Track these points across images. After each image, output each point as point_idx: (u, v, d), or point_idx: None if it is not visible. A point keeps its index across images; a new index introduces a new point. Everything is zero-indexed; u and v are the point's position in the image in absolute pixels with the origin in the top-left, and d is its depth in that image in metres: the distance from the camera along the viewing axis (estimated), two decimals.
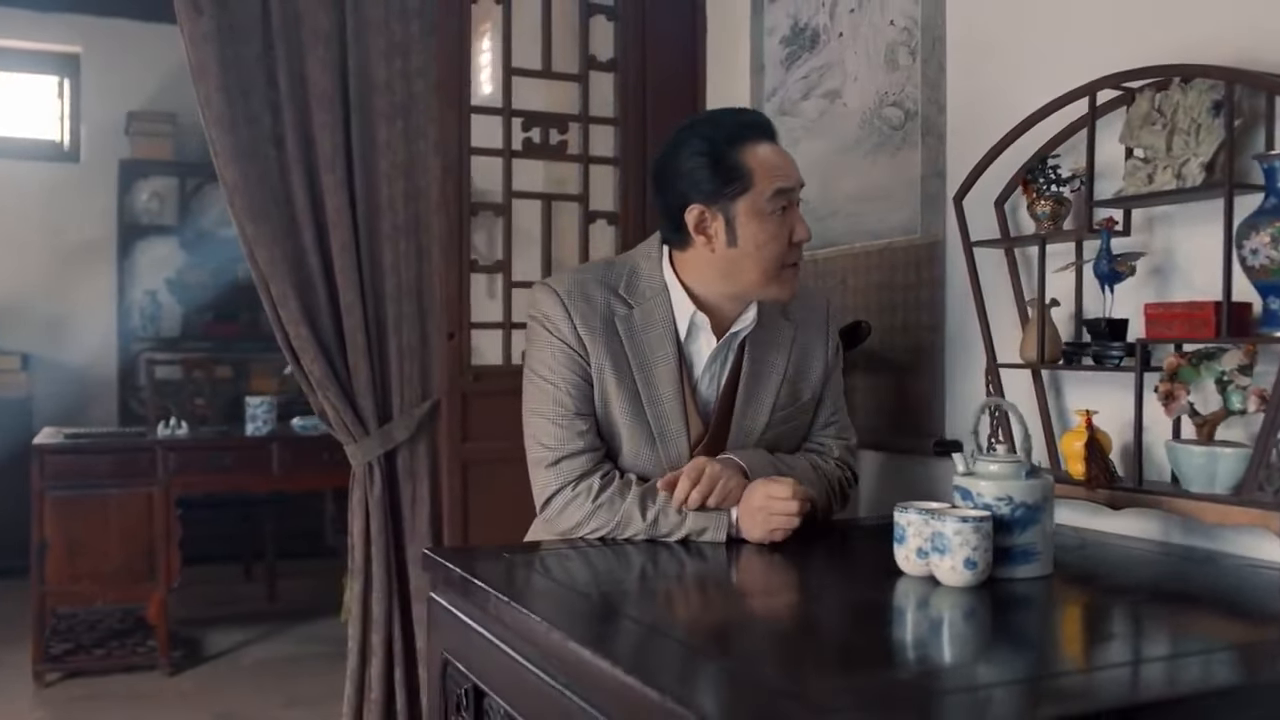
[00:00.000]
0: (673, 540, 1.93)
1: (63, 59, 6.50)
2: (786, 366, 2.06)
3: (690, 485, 1.90)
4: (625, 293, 2.02)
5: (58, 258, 6.38)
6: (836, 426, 2.17)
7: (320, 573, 5.93)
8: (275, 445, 4.62)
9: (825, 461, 2.11)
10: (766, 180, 1.91)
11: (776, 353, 2.05)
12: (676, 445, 2.01)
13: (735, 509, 1.92)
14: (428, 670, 1.84)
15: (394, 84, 3.16)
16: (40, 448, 4.37)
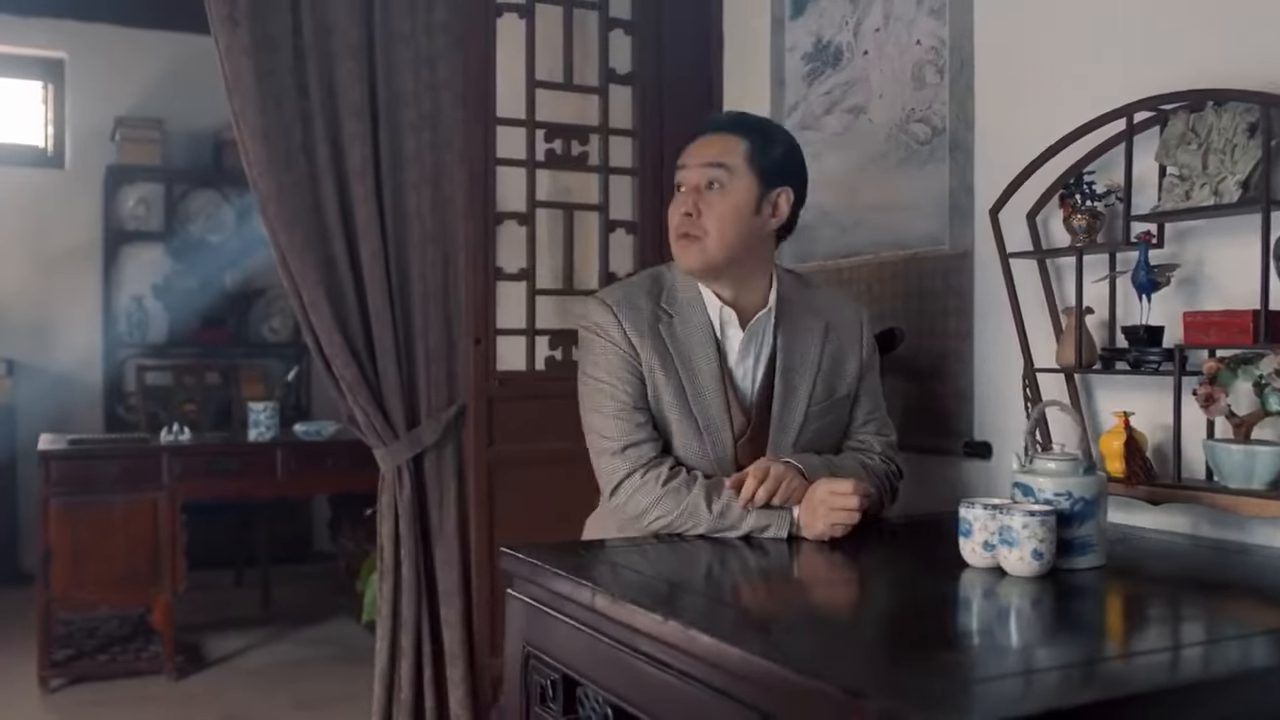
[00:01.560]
0: (735, 535, 2.02)
1: (47, 64, 6.48)
2: (820, 360, 2.14)
3: (757, 484, 1.99)
4: (666, 304, 2.13)
5: (43, 264, 6.36)
6: (876, 423, 2.24)
7: (312, 577, 5.97)
8: (279, 451, 4.66)
9: (871, 458, 2.20)
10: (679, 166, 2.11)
11: (810, 347, 2.14)
12: (721, 436, 2.10)
13: (796, 507, 2.02)
14: (508, 664, 1.91)
15: (421, 95, 3.23)
16: (46, 454, 4.38)
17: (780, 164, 2.09)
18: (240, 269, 6.60)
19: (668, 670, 1.47)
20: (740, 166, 2.05)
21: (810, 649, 1.42)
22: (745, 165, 2.05)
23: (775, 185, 2.08)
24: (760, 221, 2.07)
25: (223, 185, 6.60)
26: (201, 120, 6.51)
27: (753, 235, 2.07)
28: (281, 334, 6.74)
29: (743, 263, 2.08)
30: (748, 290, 2.12)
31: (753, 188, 2.05)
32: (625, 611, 1.57)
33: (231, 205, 6.63)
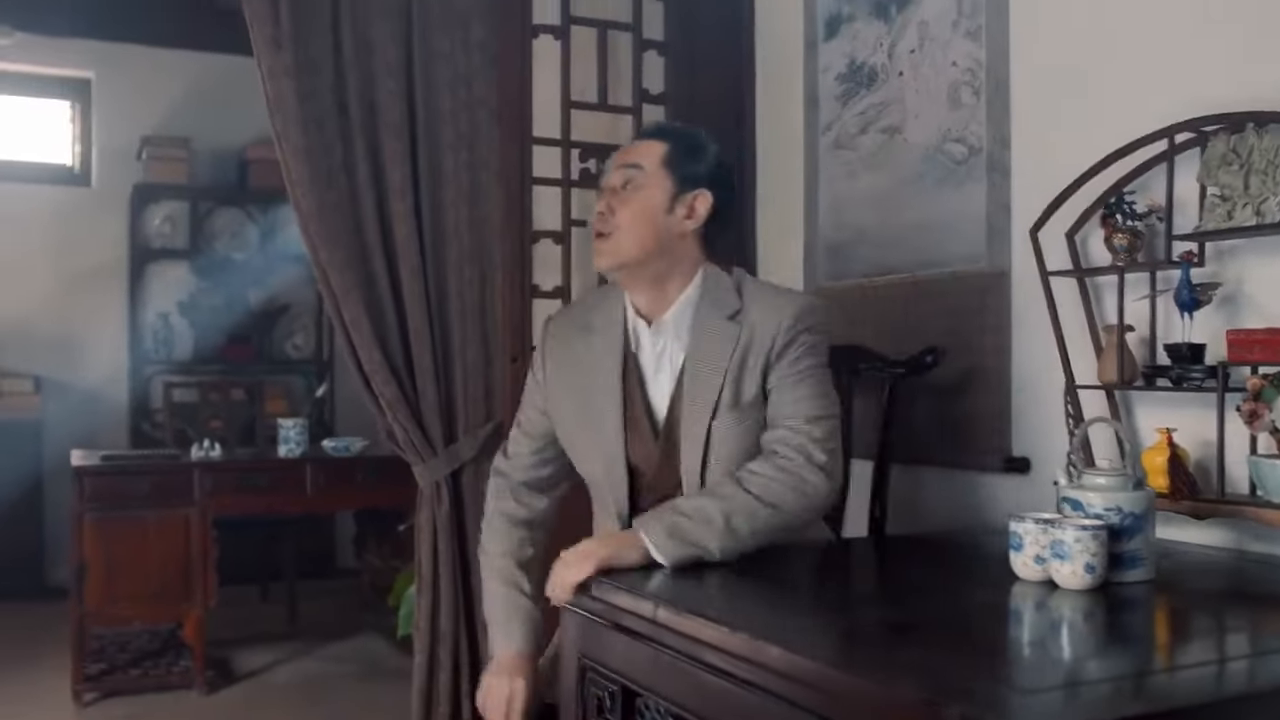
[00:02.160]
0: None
1: (75, 84, 6.55)
2: (729, 363, 2.05)
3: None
4: (595, 322, 2.18)
5: (70, 281, 6.41)
6: (793, 421, 2.03)
7: (337, 593, 6.00)
8: (309, 466, 4.70)
9: (756, 474, 1.99)
10: None
11: (719, 349, 2.06)
12: (614, 457, 2.12)
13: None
14: (563, 677, 1.95)
15: (459, 114, 3.28)
16: (80, 470, 4.42)
17: (698, 168, 2.11)
18: (264, 286, 6.65)
19: (733, 680, 1.50)
20: (654, 167, 2.09)
21: (875, 659, 1.46)
22: (660, 166, 2.09)
23: (691, 188, 2.09)
24: (673, 221, 2.08)
25: (247, 203, 6.66)
26: (226, 138, 6.58)
27: (666, 234, 2.08)
28: (305, 350, 6.79)
29: (656, 263, 2.08)
30: (664, 297, 2.12)
31: (667, 188, 2.08)
32: (689, 623, 1.61)
33: (255, 223, 6.69)
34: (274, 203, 6.58)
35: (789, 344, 2.04)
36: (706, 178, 2.11)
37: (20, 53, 5.93)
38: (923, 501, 2.83)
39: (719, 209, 2.12)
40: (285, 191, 6.34)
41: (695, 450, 2.05)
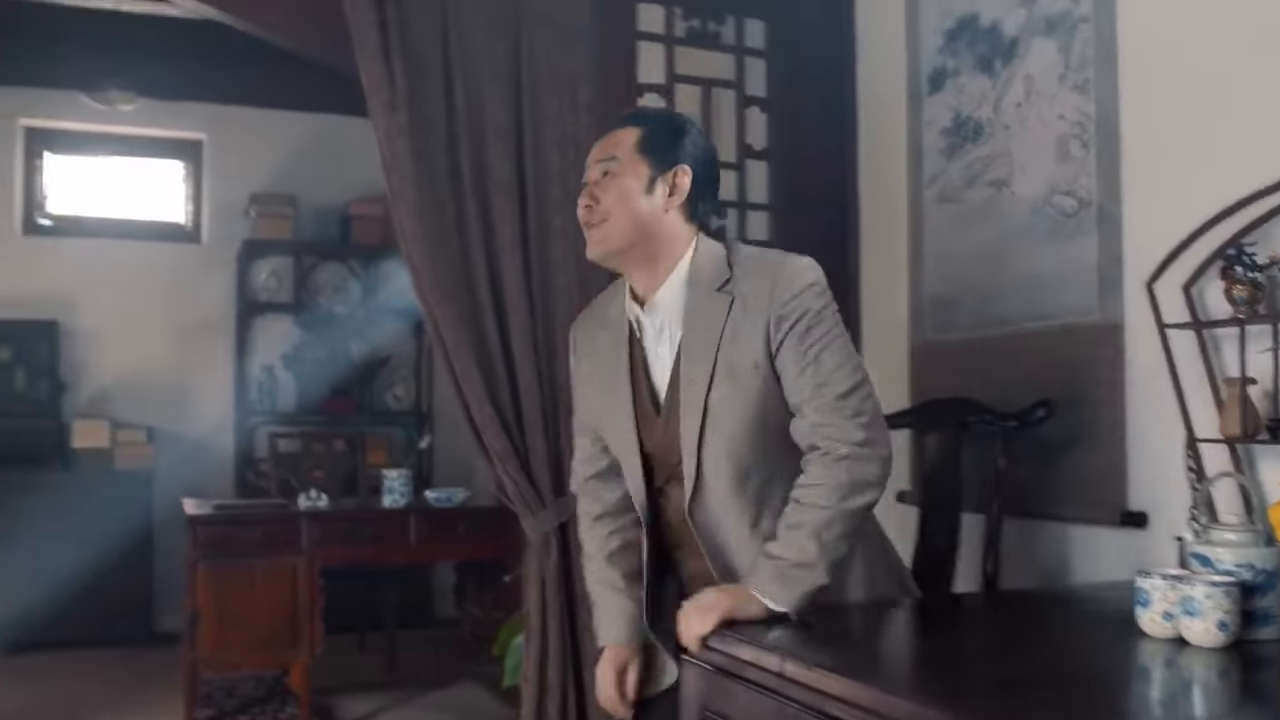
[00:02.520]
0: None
1: (187, 145, 6.80)
2: (721, 333, 2.04)
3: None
4: (609, 316, 2.23)
5: (181, 334, 6.62)
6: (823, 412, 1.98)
7: (435, 642, 6.06)
8: (412, 517, 4.78)
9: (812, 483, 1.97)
10: None
11: (711, 320, 2.05)
12: (626, 442, 2.15)
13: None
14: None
15: (567, 174, 3.35)
16: (194, 519, 4.54)
17: (670, 145, 2.12)
18: (365, 339, 6.80)
19: None
20: (629, 154, 2.10)
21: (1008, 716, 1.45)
22: (634, 152, 2.10)
23: (669, 165, 2.10)
24: (655, 201, 2.09)
25: (349, 258, 6.83)
26: (329, 195, 6.77)
27: (650, 215, 2.09)
28: (404, 402, 6.92)
29: (646, 245, 2.10)
30: (658, 277, 2.12)
31: (643, 170, 2.09)
32: (816, 677, 1.62)
33: (357, 277, 6.85)
34: (375, 257, 6.77)
35: (786, 316, 2.00)
36: (683, 154, 2.12)
37: (139, 116, 6.18)
38: (1035, 556, 2.81)
39: (700, 181, 2.13)
40: (386, 246, 6.56)
41: (694, 422, 2.05)
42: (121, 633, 6.10)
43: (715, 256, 2.11)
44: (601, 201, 2.10)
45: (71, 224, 6.65)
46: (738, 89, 3.55)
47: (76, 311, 6.48)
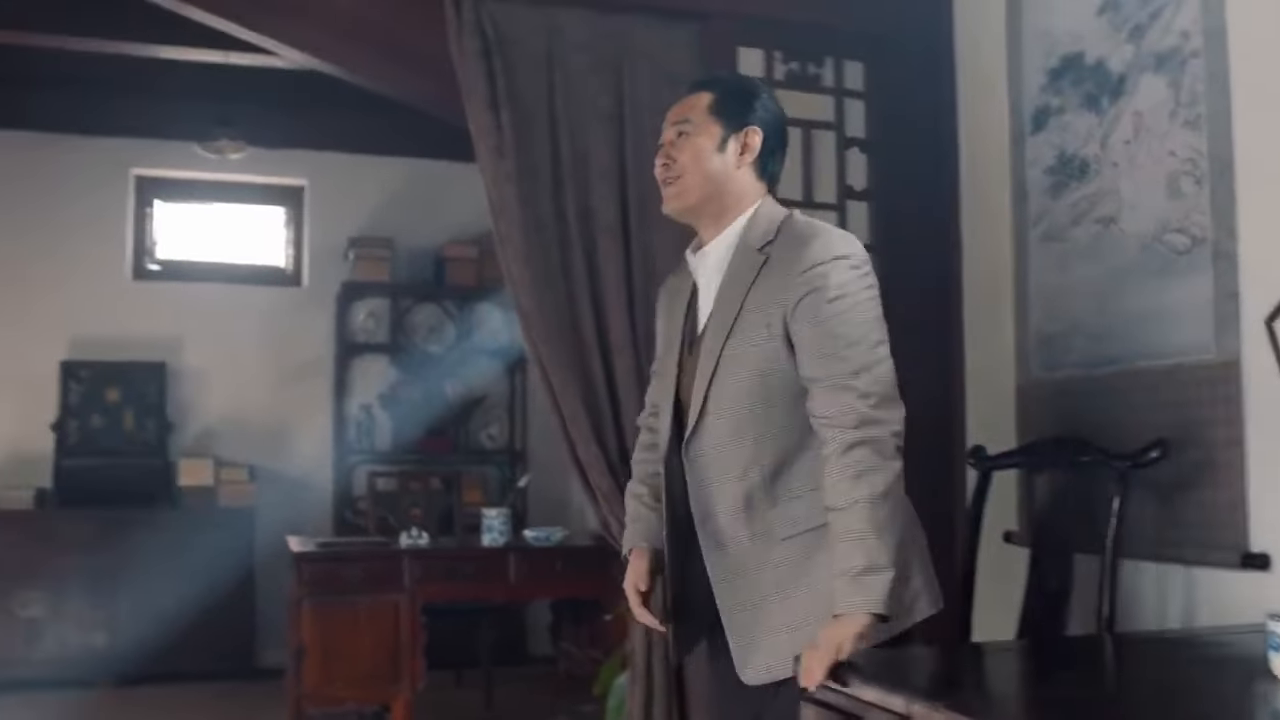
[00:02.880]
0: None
1: (288, 191, 7.00)
2: (747, 293, 2.14)
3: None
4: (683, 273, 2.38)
5: (281, 375, 6.79)
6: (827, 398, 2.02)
7: (530, 680, 6.10)
8: (512, 555, 4.82)
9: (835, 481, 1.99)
10: None
11: (742, 279, 2.17)
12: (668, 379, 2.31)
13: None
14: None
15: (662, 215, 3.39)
16: (300, 556, 4.63)
17: (742, 107, 2.24)
18: (460, 379, 6.91)
19: None
20: (701, 116, 2.23)
21: None
22: (707, 114, 2.22)
23: (740, 125, 2.22)
24: (727, 159, 2.22)
25: (444, 299, 6.96)
26: (424, 238, 6.92)
27: (722, 172, 2.21)
28: (499, 441, 7.00)
29: (717, 201, 2.22)
30: (722, 230, 2.25)
31: (716, 131, 2.21)
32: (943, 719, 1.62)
33: (452, 318, 6.96)
34: (469, 298, 6.90)
35: (805, 283, 2.06)
36: (754, 116, 2.24)
37: (243, 164, 6.36)
38: (1151, 598, 2.77)
39: (770, 141, 2.25)
40: (480, 288, 6.66)
41: (707, 366, 2.16)
42: (225, 667, 6.23)
43: (770, 217, 2.22)
44: (677, 160, 2.22)
45: (178, 269, 6.88)
46: (837, 130, 3.57)
47: (183, 353, 6.69)
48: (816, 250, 2.09)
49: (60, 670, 6.01)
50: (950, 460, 3.49)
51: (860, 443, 1.97)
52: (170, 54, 5.36)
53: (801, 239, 2.13)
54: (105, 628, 6.12)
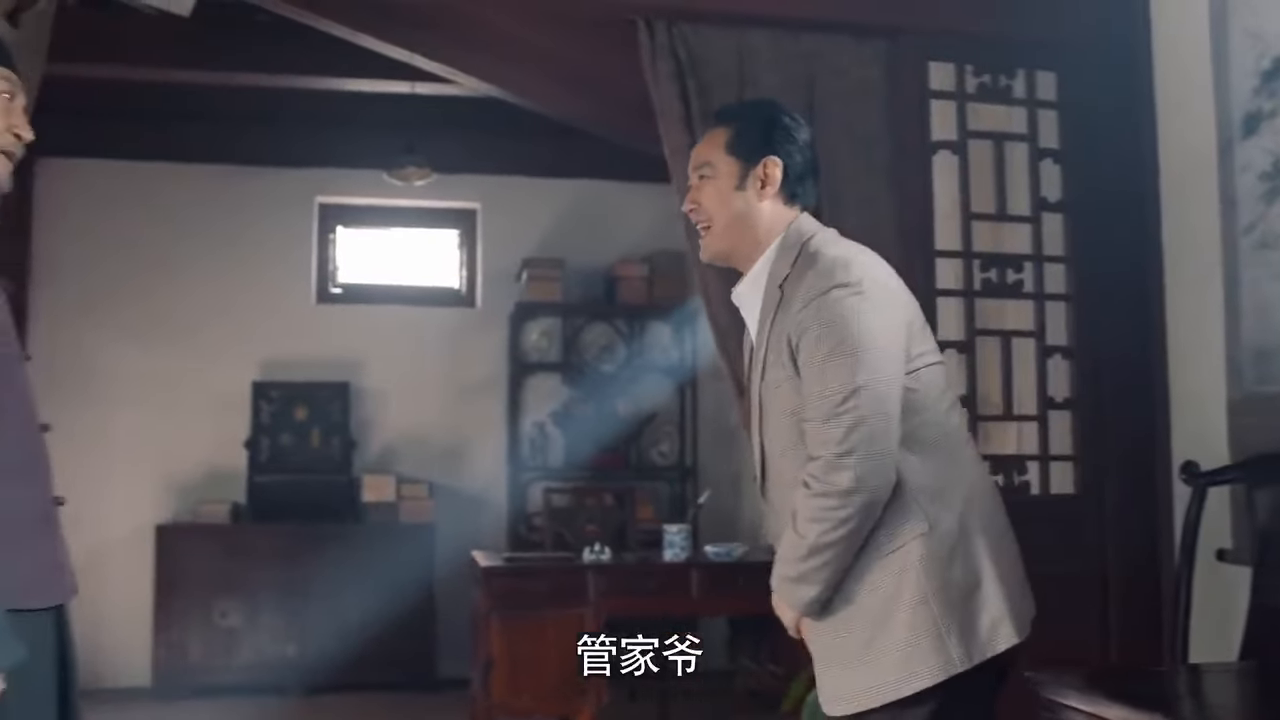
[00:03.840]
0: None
1: (462, 214, 7.19)
2: (770, 328, 2.14)
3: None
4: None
5: (457, 394, 6.96)
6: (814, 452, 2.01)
7: (703, 695, 6.10)
8: (693, 571, 4.86)
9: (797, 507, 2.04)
10: None
11: (765, 318, 2.17)
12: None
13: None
14: None
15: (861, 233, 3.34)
16: (488, 570, 4.75)
17: (758, 139, 2.22)
18: (630, 396, 6.98)
19: None
20: (719, 156, 2.22)
21: None
22: (724, 153, 2.22)
23: (758, 159, 2.20)
24: (748, 195, 2.20)
25: (614, 318, 7.05)
26: (595, 258, 7.03)
27: (746, 210, 2.21)
28: (669, 458, 7.06)
29: (749, 238, 2.22)
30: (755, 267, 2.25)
31: (734, 169, 2.20)
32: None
33: (622, 336, 7.06)
34: (639, 317, 6.98)
35: (800, 324, 2.05)
36: (770, 144, 2.21)
37: (421, 190, 6.56)
38: None
39: (796, 166, 2.23)
40: (650, 306, 6.74)
41: (755, 407, 2.19)
42: (406, 678, 6.40)
43: (794, 246, 2.19)
44: (702, 205, 2.24)
45: (359, 292, 7.12)
46: (1030, 142, 3.53)
47: (364, 373, 6.92)
48: (811, 283, 2.07)
49: (256, 677, 6.26)
50: (1155, 476, 3.41)
51: (824, 494, 1.97)
52: (358, 86, 5.59)
53: (803, 270, 2.11)
54: (296, 638, 6.36)
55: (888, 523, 2.00)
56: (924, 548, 2.00)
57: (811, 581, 2.01)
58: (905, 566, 1.99)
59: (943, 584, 1.98)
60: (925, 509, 2.01)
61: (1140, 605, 3.38)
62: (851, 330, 2.00)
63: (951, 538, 2.01)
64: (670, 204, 6.70)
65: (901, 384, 2.03)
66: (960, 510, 2.04)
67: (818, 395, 1.99)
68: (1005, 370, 3.42)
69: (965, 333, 3.38)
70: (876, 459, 1.95)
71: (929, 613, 1.97)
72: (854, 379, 1.96)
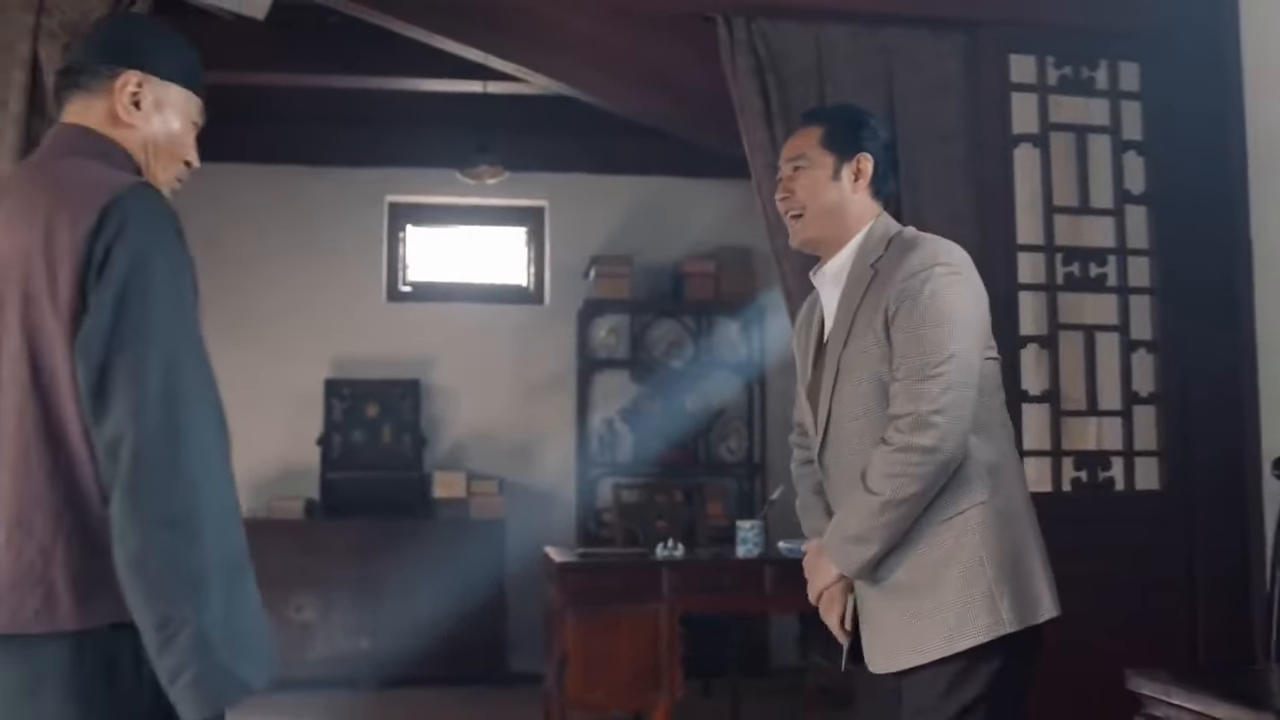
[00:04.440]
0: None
1: (529, 212, 7.23)
2: (859, 303, 2.23)
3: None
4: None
5: (526, 391, 7.01)
6: (899, 398, 2.12)
7: (774, 692, 6.11)
8: (767, 567, 4.86)
9: (872, 465, 2.14)
10: None
11: (854, 293, 2.26)
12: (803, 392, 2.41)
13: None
14: None
15: (942, 227, 3.34)
16: (563, 566, 4.78)
17: (852, 136, 2.35)
18: (699, 392, 6.99)
19: None
20: (814, 150, 2.35)
21: None
22: (819, 147, 2.35)
23: (852, 154, 2.33)
24: (843, 186, 2.33)
25: (682, 315, 7.06)
26: (662, 255, 7.04)
27: (839, 200, 2.33)
28: (737, 454, 7.05)
29: (838, 227, 2.33)
30: (841, 250, 2.35)
31: (829, 162, 2.33)
32: None
33: (690, 333, 7.06)
34: (706, 313, 6.98)
35: (902, 293, 2.15)
36: (863, 142, 2.35)
37: (489, 188, 6.61)
38: None
39: (881, 165, 2.35)
40: (717, 302, 6.74)
41: (829, 377, 2.26)
42: (478, 673, 6.45)
43: (882, 235, 2.32)
44: (795, 193, 2.36)
45: (428, 290, 7.19)
46: (1113, 134, 3.49)
47: (434, 370, 6.98)
48: (915, 260, 2.19)
49: (329, 671, 6.35)
50: (1244, 472, 3.35)
51: (906, 449, 2.07)
52: (432, 87, 5.64)
53: (904, 250, 2.23)
54: (369, 632, 6.44)
55: (949, 489, 2.12)
56: (983, 515, 2.12)
57: (873, 540, 2.11)
58: (964, 530, 2.11)
59: (999, 549, 2.10)
60: (986, 481, 2.14)
61: (1228, 604, 3.33)
62: (950, 304, 2.14)
63: (1007, 510, 2.15)
64: (737, 200, 6.81)
65: (980, 366, 2.17)
66: (1012, 489, 2.19)
67: (914, 356, 2.11)
68: (1089, 365, 3.38)
69: (1048, 327, 3.35)
70: (958, 423, 2.08)
71: (984, 574, 2.08)
72: (950, 346, 2.10)
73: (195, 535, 1.56)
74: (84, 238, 1.58)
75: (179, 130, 1.84)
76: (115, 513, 1.56)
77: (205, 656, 1.53)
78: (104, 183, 1.65)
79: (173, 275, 1.64)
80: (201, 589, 1.55)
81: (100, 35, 1.89)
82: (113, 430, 1.56)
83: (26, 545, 1.59)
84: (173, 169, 1.86)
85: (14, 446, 1.61)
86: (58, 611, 1.57)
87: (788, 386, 6.98)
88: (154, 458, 1.55)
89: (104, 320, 1.57)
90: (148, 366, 1.58)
